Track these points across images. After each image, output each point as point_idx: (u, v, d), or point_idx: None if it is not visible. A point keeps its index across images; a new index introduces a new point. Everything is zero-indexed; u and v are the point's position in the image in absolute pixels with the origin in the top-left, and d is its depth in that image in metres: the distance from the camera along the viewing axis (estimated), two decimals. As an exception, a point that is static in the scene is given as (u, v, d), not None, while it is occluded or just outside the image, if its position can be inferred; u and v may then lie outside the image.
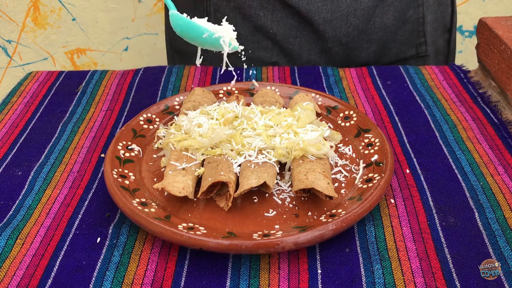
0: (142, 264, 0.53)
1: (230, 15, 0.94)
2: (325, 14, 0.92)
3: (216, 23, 0.93)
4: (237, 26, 0.94)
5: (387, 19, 0.96)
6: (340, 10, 0.93)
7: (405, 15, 0.98)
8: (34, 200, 0.61)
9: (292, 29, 0.94)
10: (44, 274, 0.52)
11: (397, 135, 0.72)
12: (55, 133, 0.74)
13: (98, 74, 0.89)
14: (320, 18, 0.92)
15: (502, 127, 0.73)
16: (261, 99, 0.74)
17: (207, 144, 0.62)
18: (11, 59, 1.64)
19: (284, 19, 0.93)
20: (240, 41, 0.94)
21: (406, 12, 0.98)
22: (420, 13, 0.99)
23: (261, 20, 0.93)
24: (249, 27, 0.94)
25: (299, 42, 0.96)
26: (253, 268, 0.52)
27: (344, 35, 0.95)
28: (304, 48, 0.96)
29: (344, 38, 0.95)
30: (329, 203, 0.58)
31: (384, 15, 0.96)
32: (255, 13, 0.93)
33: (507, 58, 0.77)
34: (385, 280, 0.50)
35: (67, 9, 1.59)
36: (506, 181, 0.63)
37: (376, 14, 0.95)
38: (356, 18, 0.94)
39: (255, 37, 0.95)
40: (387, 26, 0.97)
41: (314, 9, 0.92)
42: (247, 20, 0.94)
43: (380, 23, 0.96)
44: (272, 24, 0.93)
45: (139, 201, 0.57)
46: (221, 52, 0.65)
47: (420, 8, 0.98)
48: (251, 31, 0.95)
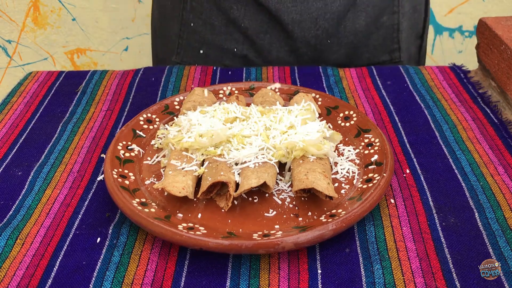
0: (142, 264, 0.53)
1: (206, 6, 0.95)
2: (294, 15, 0.93)
3: (192, 12, 0.96)
4: (212, 16, 0.96)
5: (359, 24, 0.97)
6: (310, 13, 0.93)
7: (379, 21, 0.98)
8: (34, 200, 0.61)
9: (263, 25, 0.95)
10: (44, 274, 0.52)
11: (397, 135, 0.72)
12: (55, 133, 0.74)
13: (98, 74, 0.89)
14: (289, 19, 0.93)
15: (502, 127, 0.73)
16: (261, 99, 0.74)
17: (207, 144, 0.62)
18: (11, 59, 1.64)
19: (255, 14, 0.94)
20: (213, 32, 0.97)
21: (379, 18, 0.98)
22: (395, 20, 0.99)
23: (234, 14, 0.94)
24: (223, 19, 0.96)
25: (269, 38, 0.96)
26: (253, 268, 0.52)
27: (313, 37, 0.96)
28: (273, 45, 0.97)
29: (312, 40, 0.96)
30: (329, 203, 0.58)
31: (355, 20, 0.96)
32: (229, 5, 0.94)
33: (507, 58, 0.77)
34: (385, 280, 0.50)
35: (67, 9, 1.59)
36: (506, 181, 0.63)
37: (347, 19, 0.95)
38: (325, 21, 0.94)
39: (228, 28, 0.96)
40: (359, 31, 0.97)
41: (283, 9, 0.93)
42: (221, 12, 0.95)
43: (351, 28, 0.97)
44: (244, 18, 0.95)
45: (139, 201, 0.57)
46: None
47: (396, 15, 0.98)
48: (225, 23, 0.96)
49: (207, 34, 0.97)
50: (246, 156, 0.60)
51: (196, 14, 0.97)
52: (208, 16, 0.96)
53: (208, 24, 0.96)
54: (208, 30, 0.97)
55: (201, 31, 0.98)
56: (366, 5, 0.95)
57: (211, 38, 0.98)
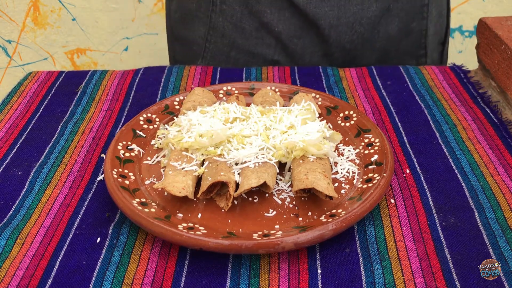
0: (142, 264, 0.53)
1: (237, 9, 0.93)
2: (332, 19, 0.92)
3: (221, 15, 0.93)
4: (243, 20, 0.94)
5: (392, 29, 0.96)
6: (347, 17, 0.92)
7: (409, 26, 0.98)
8: (34, 200, 0.61)
9: (297, 29, 0.94)
10: (44, 274, 0.52)
11: (397, 135, 0.72)
12: (55, 133, 0.74)
13: (98, 74, 0.89)
14: (326, 23, 0.92)
15: (502, 127, 0.73)
16: (261, 99, 0.74)
17: (207, 144, 0.62)
18: (11, 59, 1.64)
19: (290, 18, 0.93)
20: (244, 36, 0.94)
21: (410, 23, 0.98)
22: (424, 25, 0.99)
23: (267, 17, 0.93)
24: (255, 23, 0.94)
25: (303, 43, 0.95)
26: (253, 268, 0.52)
27: (348, 42, 0.95)
28: (307, 49, 0.96)
29: (348, 45, 0.95)
30: (329, 203, 0.58)
31: (389, 25, 0.96)
32: (262, 9, 0.92)
33: (507, 58, 0.77)
34: (385, 280, 0.50)
35: (67, 9, 1.59)
36: (506, 181, 0.63)
37: (381, 24, 0.95)
38: (361, 26, 0.94)
39: (259, 33, 0.95)
40: (391, 36, 0.97)
41: (321, 14, 0.91)
42: (253, 15, 0.93)
43: (384, 33, 0.96)
44: (278, 23, 0.93)
45: (139, 201, 0.57)
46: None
47: (424, 20, 0.98)
48: (256, 27, 0.94)
49: (237, 38, 0.95)
50: (246, 156, 0.60)
51: (226, 17, 0.94)
52: (238, 20, 0.93)
53: (238, 28, 0.94)
54: (238, 33, 0.95)
55: (231, 34, 0.95)
56: (399, 10, 0.95)
57: (241, 42, 0.95)
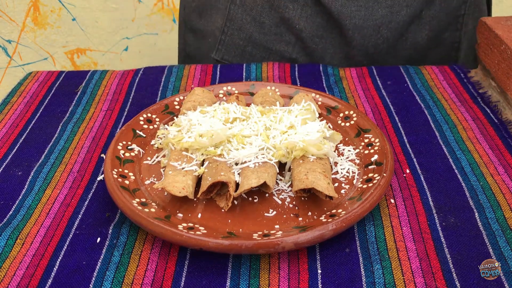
0: (142, 264, 0.53)
1: (258, 2, 0.90)
2: (357, 20, 0.88)
3: (241, 7, 0.90)
4: (263, 14, 0.90)
5: (421, 37, 0.92)
6: (374, 19, 0.88)
7: (440, 37, 0.93)
8: (34, 200, 0.61)
9: (319, 28, 0.90)
10: (44, 274, 0.52)
11: (397, 135, 0.72)
12: (55, 133, 0.74)
13: (98, 74, 0.89)
14: (351, 24, 0.88)
15: (502, 127, 0.73)
16: (261, 99, 0.74)
17: (207, 144, 0.62)
18: (11, 59, 1.64)
19: (313, 16, 0.89)
20: (262, 31, 0.91)
21: (442, 34, 0.93)
22: (457, 38, 0.94)
23: (289, 13, 0.89)
24: (275, 18, 0.90)
25: (324, 43, 0.91)
26: (253, 268, 0.52)
27: (373, 46, 0.91)
28: (328, 50, 0.92)
29: (371, 49, 0.91)
30: (329, 203, 0.58)
31: (418, 32, 0.91)
32: (284, 4, 0.89)
33: (507, 58, 0.77)
34: (385, 280, 0.50)
35: (67, 9, 1.59)
36: (506, 181, 0.63)
37: (410, 30, 0.91)
38: (388, 30, 0.89)
39: (279, 29, 0.91)
40: (419, 45, 0.93)
41: (347, 13, 0.87)
42: (274, 10, 0.90)
43: (412, 40, 0.92)
44: (299, 20, 0.89)
45: (139, 201, 0.56)
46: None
47: (458, 32, 0.93)
48: (276, 23, 0.91)
49: (255, 32, 0.92)
50: (246, 156, 0.60)
51: (246, 10, 0.91)
52: (258, 13, 0.90)
53: (257, 22, 0.91)
54: (256, 28, 0.91)
55: (249, 28, 0.92)
56: (431, 18, 0.90)
57: (258, 37, 0.92)
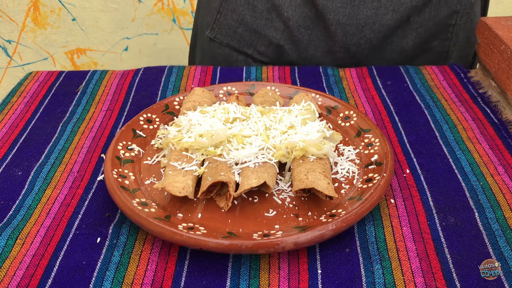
0: (142, 264, 0.53)
1: None
2: (341, 16, 0.89)
3: None
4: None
5: (407, 43, 0.93)
6: (358, 19, 0.89)
7: (428, 44, 0.94)
8: (34, 200, 0.61)
9: (306, 19, 0.92)
10: (44, 274, 0.52)
11: (397, 135, 0.72)
12: (55, 133, 0.74)
13: (98, 74, 0.89)
14: (334, 19, 0.89)
15: (502, 127, 0.73)
16: (261, 99, 0.74)
17: (207, 144, 0.62)
18: (11, 59, 1.64)
19: (301, 6, 0.91)
20: (254, 14, 0.93)
21: (430, 41, 0.94)
22: (446, 47, 0.94)
23: (279, 0, 0.91)
24: (267, 3, 0.92)
25: (310, 34, 0.93)
26: (253, 268, 0.52)
27: (355, 44, 0.92)
28: (312, 42, 0.94)
29: (353, 47, 0.92)
30: (329, 203, 0.58)
31: (404, 38, 0.92)
32: None
33: (507, 58, 0.77)
34: (385, 280, 0.50)
35: (67, 9, 1.59)
36: (506, 181, 0.63)
37: (395, 35, 0.91)
38: (371, 32, 0.90)
39: (269, 14, 0.93)
40: (405, 50, 0.93)
41: (331, 8, 0.89)
42: None
43: (397, 45, 0.93)
44: (288, 8, 0.91)
45: (139, 201, 0.57)
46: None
47: (447, 41, 0.94)
48: (267, 8, 0.93)
49: (247, 15, 0.94)
50: (246, 156, 0.60)
51: None
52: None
53: (250, 5, 0.93)
54: (249, 11, 0.94)
55: (242, 10, 0.94)
56: (419, 25, 0.91)
57: (250, 20, 0.94)
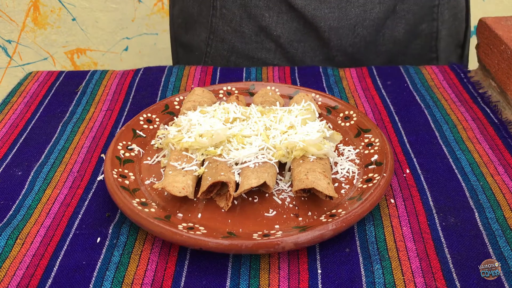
0: (142, 264, 0.53)
1: (236, 13, 0.92)
2: (332, 21, 0.90)
3: (221, 20, 0.93)
4: (242, 24, 0.92)
5: (398, 32, 0.94)
6: (348, 19, 0.90)
7: (418, 28, 0.95)
8: (34, 200, 0.61)
9: (297, 33, 0.92)
10: (44, 274, 0.52)
11: (397, 135, 0.72)
12: (55, 133, 0.74)
13: (98, 74, 0.89)
14: (326, 26, 0.90)
15: (502, 127, 0.73)
16: (261, 99, 0.74)
17: (207, 144, 0.62)
18: (11, 59, 1.64)
19: (289, 22, 0.91)
20: (243, 40, 0.94)
21: (418, 25, 0.95)
22: (434, 28, 0.96)
23: (265, 21, 0.91)
24: (254, 27, 0.93)
25: (303, 47, 0.93)
26: (253, 268, 0.52)
27: (350, 45, 0.93)
28: (307, 54, 0.94)
29: (350, 48, 0.93)
30: (329, 203, 0.58)
31: (395, 27, 0.93)
32: (260, 13, 0.91)
33: (507, 58, 0.77)
34: (385, 280, 0.50)
35: (67, 9, 1.59)
36: (506, 181, 0.63)
37: (386, 26, 0.92)
38: (364, 29, 0.91)
39: (258, 37, 0.93)
40: (398, 39, 0.94)
41: (320, 16, 0.89)
42: (252, 19, 0.92)
43: (390, 36, 0.94)
44: (276, 26, 0.91)
45: (139, 201, 0.57)
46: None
47: (435, 22, 0.95)
48: (255, 31, 0.93)
49: (237, 42, 0.94)
50: (246, 156, 0.60)
51: (226, 21, 0.93)
52: (238, 24, 0.93)
53: (238, 32, 0.93)
54: (237, 38, 0.94)
55: (231, 39, 0.94)
56: (405, 12, 0.92)
57: (240, 47, 0.95)
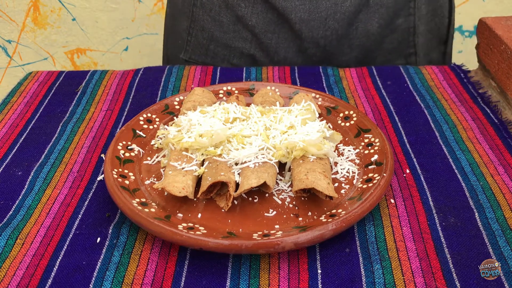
0: (142, 264, 0.53)
1: (215, 2, 0.95)
2: (302, 13, 0.91)
3: (201, 9, 0.95)
4: (221, 13, 0.95)
5: (371, 25, 0.94)
6: (319, 12, 0.91)
7: (394, 23, 0.96)
8: (34, 200, 0.61)
9: (271, 24, 0.94)
10: (44, 274, 0.52)
11: (397, 135, 0.72)
12: (55, 133, 0.74)
13: (98, 74, 0.89)
14: (297, 17, 0.91)
15: (502, 127, 0.73)
16: (261, 99, 0.74)
17: (207, 144, 0.62)
18: (11, 59, 1.64)
19: (263, 13, 0.93)
20: (222, 29, 0.96)
21: (394, 20, 0.95)
22: (411, 23, 0.96)
23: (242, 11, 0.93)
24: (231, 16, 0.95)
25: (277, 38, 0.95)
26: (253, 268, 0.52)
27: (322, 38, 0.94)
28: (281, 45, 0.95)
29: (321, 40, 0.94)
30: (329, 203, 0.58)
31: (368, 21, 0.94)
32: (237, 2, 0.93)
33: (507, 58, 0.77)
34: (385, 280, 0.50)
35: (67, 9, 1.59)
36: (506, 181, 0.63)
37: (359, 20, 0.93)
38: (335, 22, 0.92)
39: (236, 26, 0.95)
40: (371, 33, 0.95)
41: (290, 7, 0.91)
42: (229, 9, 0.94)
43: (363, 29, 0.94)
44: (251, 16, 0.93)
45: (139, 201, 0.57)
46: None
47: (411, 17, 0.96)
48: (233, 21, 0.95)
49: (216, 31, 0.97)
50: (246, 156, 0.60)
51: (206, 11, 0.96)
52: (217, 13, 0.95)
53: (217, 21, 0.96)
54: (216, 27, 0.96)
55: (210, 28, 0.97)
56: (379, 6, 0.93)
57: (219, 36, 0.97)
